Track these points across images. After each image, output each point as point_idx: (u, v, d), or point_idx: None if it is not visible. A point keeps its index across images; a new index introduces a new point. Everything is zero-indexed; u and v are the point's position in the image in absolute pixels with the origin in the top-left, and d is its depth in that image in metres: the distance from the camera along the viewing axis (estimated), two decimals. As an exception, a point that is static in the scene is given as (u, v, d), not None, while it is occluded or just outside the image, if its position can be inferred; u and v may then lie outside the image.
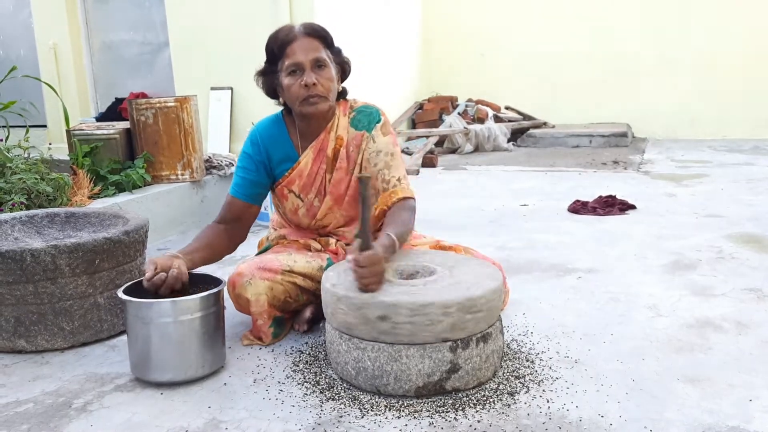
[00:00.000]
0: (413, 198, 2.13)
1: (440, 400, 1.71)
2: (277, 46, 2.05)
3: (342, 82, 2.18)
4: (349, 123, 2.20)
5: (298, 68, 2.03)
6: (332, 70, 2.08)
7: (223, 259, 3.13)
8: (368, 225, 1.78)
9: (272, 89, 2.15)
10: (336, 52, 2.12)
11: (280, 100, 2.18)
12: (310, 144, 2.18)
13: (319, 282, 2.10)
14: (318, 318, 2.19)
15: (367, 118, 2.19)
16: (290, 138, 2.20)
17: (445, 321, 1.68)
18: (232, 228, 2.21)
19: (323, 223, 2.27)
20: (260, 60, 2.15)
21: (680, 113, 7.46)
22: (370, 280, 1.74)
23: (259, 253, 2.33)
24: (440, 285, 1.79)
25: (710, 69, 7.33)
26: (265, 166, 2.20)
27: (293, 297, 2.13)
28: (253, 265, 2.10)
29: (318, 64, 2.04)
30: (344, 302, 1.75)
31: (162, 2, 5.80)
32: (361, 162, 2.18)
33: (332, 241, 2.27)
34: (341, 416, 1.66)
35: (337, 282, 1.84)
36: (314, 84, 2.03)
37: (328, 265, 2.14)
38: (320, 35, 2.07)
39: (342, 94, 2.21)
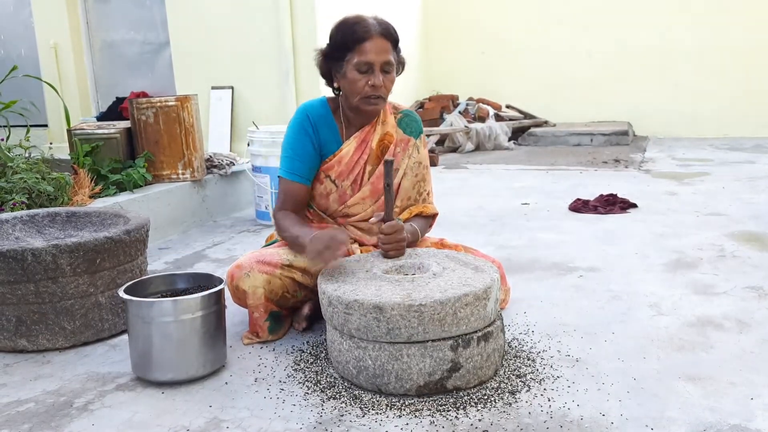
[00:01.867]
0: (437, 215, 2.36)
1: (441, 398, 1.71)
2: (352, 40, 2.06)
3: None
4: (397, 124, 2.26)
5: (369, 68, 2.06)
6: (395, 73, 2.14)
7: (224, 259, 3.15)
8: (392, 202, 2.03)
9: (329, 72, 2.17)
10: (398, 53, 2.15)
11: (334, 84, 2.20)
12: (354, 133, 2.22)
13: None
14: (317, 315, 2.19)
15: (414, 124, 2.30)
16: (336, 124, 2.23)
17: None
18: (298, 213, 2.23)
19: (350, 212, 2.27)
20: (261, 60, 2.14)
21: (681, 112, 7.46)
22: (390, 246, 2.01)
23: (266, 246, 2.33)
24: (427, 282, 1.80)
25: (711, 67, 7.33)
26: (315, 145, 2.21)
27: (291, 292, 2.13)
28: (252, 258, 2.10)
29: (386, 69, 2.08)
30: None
31: (163, 1, 5.80)
32: (405, 167, 2.25)
33: None
34: (342, 415, 1.66)
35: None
36: (381, 86, 2.08)
37: None
38: (392, 38, 2.10)
39: None
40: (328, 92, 2.26)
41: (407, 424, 1.60)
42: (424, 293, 1.72)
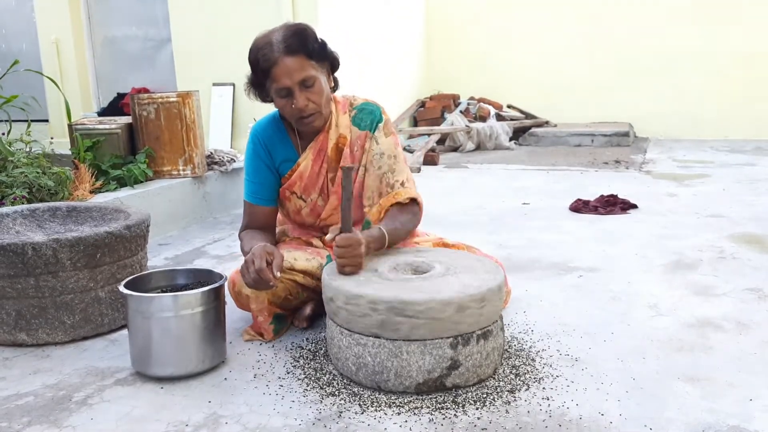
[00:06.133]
0: (416, 199, 2.12)
1: (440, 396, 1.71)
2: (261, 69, 1.97)
3: (333, 73, 2.10)
4: (351, 121, 2.16)
5: (288, 92, 1.97)
6: (321, 82, 2.01)
7: (224, 255, 3.15)
8: (349, 213, 1.86)
9: (265, 97, 2.09)
10: (321, 55, 2.01)
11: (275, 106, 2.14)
12: (309, 144, 2.15)
13: (319, 279, 2.10)
14: (318, 315, 2.19)
15: (369, 117, 2.15)
16: (290, 138, 2.18)
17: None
18: (265, 232, 2.20)
19: (328, 223, 2.25)
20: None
21: (682, 113, 7.46)
22: (345, 261, 1.84)
23: None
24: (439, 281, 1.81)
25: (712, 69, 7.33)
26: (270, 167, 2.18)
27: (293, 295, 2.13)
28: None
29: (305, 84, 1.97)
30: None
31: (165, -3, 5.79)
32: (366, 163, 2.14)
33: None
34: (341, 412, 1.66)
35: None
36: (305, 106, 2.00)
37: (327, 262, 2.14)
38: (304, 50, 1.95)
39: (334, 87, 2.14)
40: None
41: (406, 421, 1.60)
42: (445, 292, 1.71)
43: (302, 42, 1.97)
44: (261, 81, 2.02)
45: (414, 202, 2.12)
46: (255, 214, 2.20)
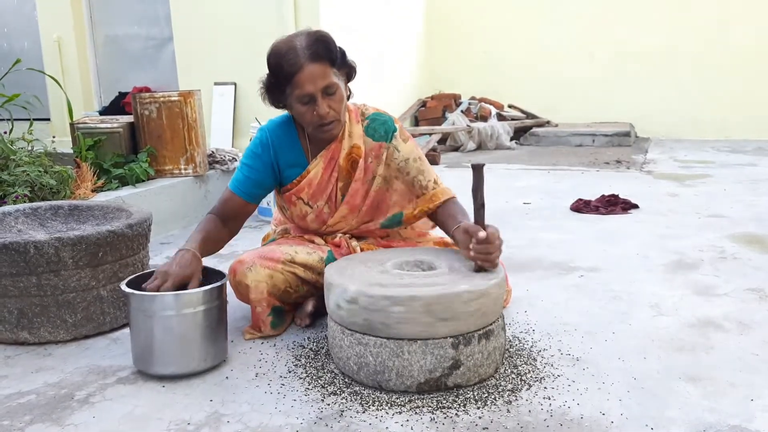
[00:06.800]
0: (455, 197, 2.18)
1: (442, 396, 1.71)
2: (284, 75, 1.96)
3: (348, 82, 2.11)
4: (364, 132, 2.16)
5: (310, 98, 1.97)
6: (342, 89, 2.02)
7: (226, 254, 3.15)
8: (482, 211, 1.84)
9: (279, 103, 2.09)
10: (341, 63, 2.02)
11: (289, 112, 2.13)
12: (320, 152, 2.14)
13: (319, 274, 2.11)
14: (320, 311, 2.19)
15: (383, 128, 2.16)
16: (300, 143, 2.17)
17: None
18: (228, 224, 2.16)
19: (334, 229, 2.24)
20: (264, 56, 2.06)
21: (683, 113, 7.47)
22: (495, 255, 1.81)
23: (263, 245, 2.33)
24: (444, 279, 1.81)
25: (713, 69, 7.34)
26: (273, 168, 2.16)
27: (293, 287, 2.13)
28: (254, 254, 2.11)
29: (328, 92, 1.98)
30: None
31: (166, -3, 5.79)
32: (389, 172, 2.15)
33: (338, 234, 2.27)
34: (343, 411, 1.66)
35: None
36: (327, 113, 2.00)
37: (328, 257, 2.15)
38: (328, 56, 1.97)
39: (348, 96, 2.14)
40: None
41: (407, 420, 1.61)
42: (447, 289, 1.71)
43: (327, 49, 1.97)
44: (281, 86, 2.01)
45: (454, 197, 2.18)
46: (228, 203, 2.15)
